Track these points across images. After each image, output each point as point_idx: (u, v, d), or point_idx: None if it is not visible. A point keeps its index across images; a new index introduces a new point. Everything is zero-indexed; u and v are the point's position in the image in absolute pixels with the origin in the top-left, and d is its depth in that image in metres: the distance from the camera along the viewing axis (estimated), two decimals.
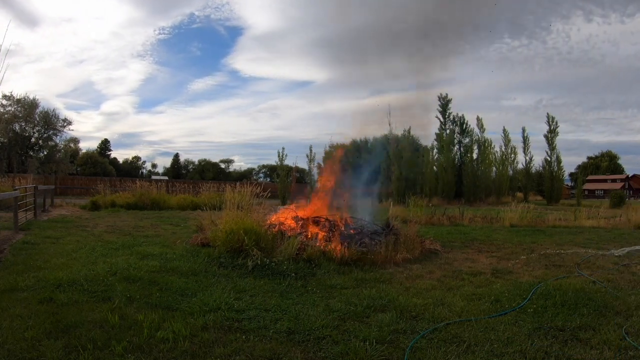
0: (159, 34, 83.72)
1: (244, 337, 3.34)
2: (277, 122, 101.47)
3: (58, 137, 38.53)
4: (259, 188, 7.92)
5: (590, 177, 65.60)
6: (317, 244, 6.60)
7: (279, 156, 30.01)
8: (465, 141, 34.60)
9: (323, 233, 7.22)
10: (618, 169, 71.60)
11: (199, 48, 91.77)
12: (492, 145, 34.72)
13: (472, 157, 34.34)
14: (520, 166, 37.26)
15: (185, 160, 73.19)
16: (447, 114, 33.96)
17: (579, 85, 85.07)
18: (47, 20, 74.36)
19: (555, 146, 35.10)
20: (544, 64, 74.01)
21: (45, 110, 36.71)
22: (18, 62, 60.83)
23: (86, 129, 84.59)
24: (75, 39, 78.97)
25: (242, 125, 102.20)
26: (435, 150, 34.38)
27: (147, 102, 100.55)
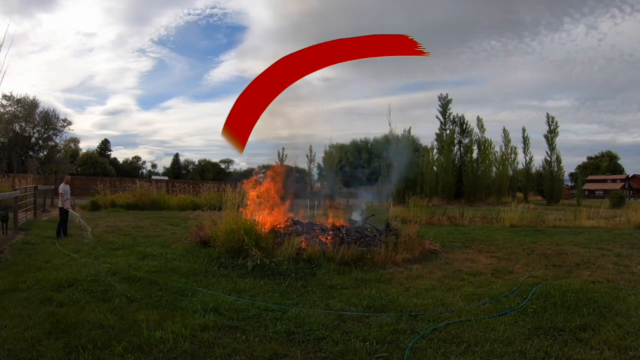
0: (188, 14, 71.94)
1: (244, 337, 3.34)
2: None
3: (58, 137, 38.53)
4: None
5: (590, 177, 65.45)
6: (316, 246, 6.59)
7: (279, 156, 30.09)
8: (465, 141, 34.56)
9: (322, 237, 7.20)
10: (618, 169, 71.43)
11: (225, 34, 76.99)
12: (492, 146, 34.71)
13: (472, 157, 34.30)
14: (520, 166, 37.27)
15: (185, 160, 71.62)
16: (447, 114, 33.90)
17: (628, 86, 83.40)
18: None
19: (555, 146, 35.09)
20: (603, 65, 73.04)
21: (45, 110, 36.70)
22: (22, 52, 56.79)
23: (89, 127, 75.49)
24: (89, 18, 68.33)
25: (264, 122, 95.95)
26: (435, 151, 34.35)
27: (158, 97, 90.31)
